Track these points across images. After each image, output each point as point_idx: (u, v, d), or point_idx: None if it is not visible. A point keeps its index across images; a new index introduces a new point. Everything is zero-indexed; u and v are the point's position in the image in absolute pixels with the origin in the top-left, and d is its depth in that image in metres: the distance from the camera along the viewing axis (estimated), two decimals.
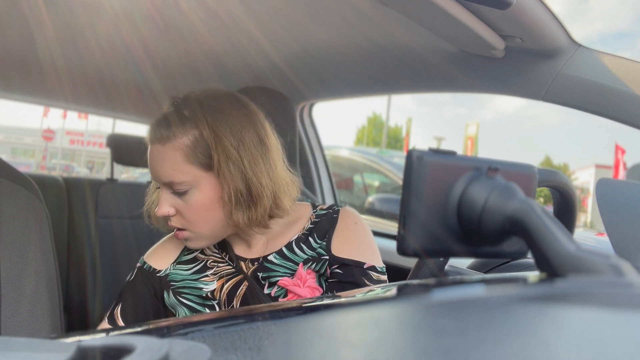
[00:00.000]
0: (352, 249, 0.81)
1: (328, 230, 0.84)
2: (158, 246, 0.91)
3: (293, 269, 0.81)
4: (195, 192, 0.76)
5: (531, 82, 0.98)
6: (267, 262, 0.82)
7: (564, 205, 0.80)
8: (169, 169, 0.75)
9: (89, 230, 1.73)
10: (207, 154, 0.75)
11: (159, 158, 0.76)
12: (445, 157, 0.35)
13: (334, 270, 0.80)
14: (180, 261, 0.87)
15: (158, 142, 0.76)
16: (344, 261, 0.80)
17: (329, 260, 0.81)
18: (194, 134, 0.75)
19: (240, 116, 0.77)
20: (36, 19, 1.17)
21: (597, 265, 0.29)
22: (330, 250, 0.82)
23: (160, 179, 0.77)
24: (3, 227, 0.83)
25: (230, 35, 1.20)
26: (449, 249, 0.35)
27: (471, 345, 0.20)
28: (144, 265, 0.87)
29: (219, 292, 0.82)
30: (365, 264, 0.80)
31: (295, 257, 0.82)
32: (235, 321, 0.30)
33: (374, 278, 0.80)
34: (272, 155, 0.79)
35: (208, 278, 0.83)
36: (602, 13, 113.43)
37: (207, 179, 0.75)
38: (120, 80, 1.74)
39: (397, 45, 1.11)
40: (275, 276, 0.81)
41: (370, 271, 0.80)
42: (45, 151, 25.09)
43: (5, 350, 0.21)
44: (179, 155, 0.74)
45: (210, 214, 0.77)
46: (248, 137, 0.76)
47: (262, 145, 0.78)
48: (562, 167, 29.72)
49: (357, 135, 27.81)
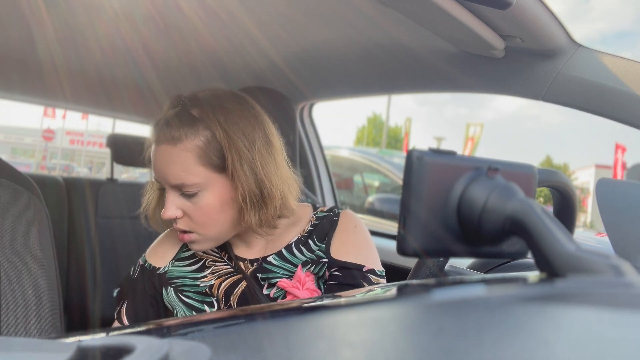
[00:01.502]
0: (351, 252, 0.81)
1: (328, 232, 0.84)
2: (157, 243, 0.91)
3: (292, 270, 0.81)
4: (206, 193, 0.74)
5: (531, 82, 0.98)
6: (267, 264, 0.82)
7: (564, 205, 0.80)
8: (179, 171, 0.73)
9: (89, 230, 1.73)
10: (220, 155, 0.74)
11: (169, 160, 0.73)
12: (445, 157, 0.35)
13: (333, 273, 0.80)
14: (179, 258, 0.87)
15: (167, 142, 0.73)
16: (343, 264, 0.80)
17: (328, 263, 0.81)
18: (206, 135, 0.73)
19: (249, 117, 0.77)
20: (36, 19, 1.17)
21: (597, 265, 0.29)
22: (330, 253, 0.81)
23: (170, 181, 0.74)
24: (3, 227, 0.83)
25: (230, 35, 1.20)
26: (449, 249, 0.35)
27: (471, 345, 0.20)
28: (145, 263, 0.88)
29: (216, 289, 0.81)
30: (364, 267, 0.80)
31: (294, 259, 0.82)
32: (235, 321, 0.30)
33: (373, 281, 0.79)
34: (279, 155, 0.80)
35: (206, 278, 0.83)
36: (603, 13, 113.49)
37: (218, 180, 0.74)
38: (120, 80, 1.74)
39: (397, 45, 1.11)
40: (274, 277, 0.81)
41: (370, 274, 0.80)
42: (45, 151, 25.09)
43: (5, 350, 0.21)
44: (190, 156, 0.73)
45: (220, 215, 0.76)
46: (258, 137, 0.76)
47: (270, 146, 0.78)
48: (562, 167, 29.73)
49: (357, 135, 27.83)
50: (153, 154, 0.77)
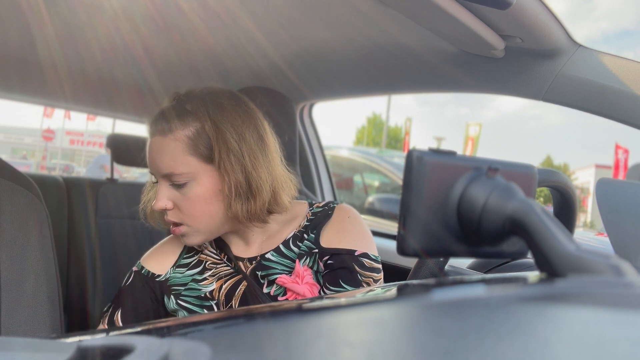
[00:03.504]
0: (343, 239, 0.81)
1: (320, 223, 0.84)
2: (156, 250, 0.90)
3: (290, 266, 0.81)
4: (194, 184, 0.76)
5: (531, 82, 0.98)
6: (265, 260, 0.82)
7: (564, 205, 0.80)
8: (169, 160, 0.75)
9: (89, 230, 1.73)
10: (208, 146, 0.76)
11: (160, 149, 0.76)
12: (445, 157, 0.35)
13: (326, 262, 0.80)
14: (179, 264, 0.87)
15: (159, 134, 0.77)
16: (334, 251, 0.80)
17: (319, 253, 0.81)
18: (196, 126, 0.76)
19: (241, 112, 0.79)
20: (36, 19, 1.17)
21: (597, 265, 0.29)
22: (319, 242, 0.82)
23: (160, 170, 0.77)
24: (3, 227, 0.83)
25: (230, 35, 1.20)
26: (449, 249, 0.35)
27: (471, 345, 0.20)
28: (141, 270, 0.86)
29: (217, 292, 0.81)
30: (356, 251, 0.80)
31: (292, 254, 0.83)
32: (235, 321, 0.30)
33: (367, 265, 0.79)
34: (271, 152, 0.81)
35: (207, 281, 0.83)
36: (606, 12, 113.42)
37: (207, 171, 0.76)
38: (120, 80, 1.74)
39: (397, 45, 1.11)
40: (274, 274, 0.81)
41: (363, 258, 0.79)
42: (45, 151, 25.09)
43: (5, 350, 0.21)
44: (179, 146, 0.75)
45: (208, 207, 0.77)
46: (248, 132, 0.78)
47: (262, 142, 0.79)
48: (562, 167, 29.72)
49: (357, 135, 27.82)
50: (147, 146, 0.80)
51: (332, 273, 0.79)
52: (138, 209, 0.88)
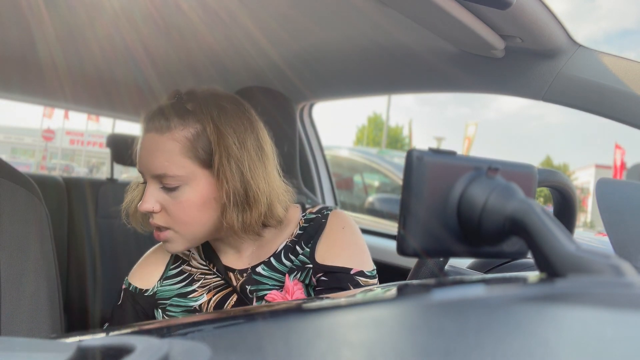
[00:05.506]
0: (338, 255, 0.78)
1: (314, 236, 0.81)
2: (141, 264, 0.87)
3: (281, 280, 0.79)
4: (187, 188, 0.72)
5: (531, 82, 0.98)
6: (256, 274, 0.80)
7: (564, 205, 0.80)
8: (163, 160, 0.71)
9: (89, 230, 1.73)
10: (207, 150, 0.72)
11: (154, 148, 0.72)
12: (445, 157, 0.35)
13: (319, 278, 0.77)
14: (167, 276, 0.84)
15: (155, 131, 0.72)
16: (329, 269, 0.77)
17: (313, 269, 0.78)
18: (197, 127, 0.72)
19: (243, 119, 0.76)
20: (36, 19, 1.17)
21: (597, 265, 0.29)
22: (314, 258, 0.79)
23: (152, 170, 0.72)
24: (3, 227, 0.83)
25: (230, 35, 1.20)
26: (449, 249, 0.35)
27: (471, 345, 0.20)
28: (129, 287, 0.84)
29: (206, 304, 0.79)
30: (352, 270, 0.77)
31: (283, 268, 0.80)
32: (235, 321, 0.30)
33: (362, 284, 0.76)
34: (270, 163, 0.78)
35: (197, 293, 0.80)
36: (607, 12, 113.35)
37: (202, 176, 0.73)
38: (120, 80, 1.74)
39: (397, 45, 1.11)
40: (264, 289, 0.79)
41: (358, 276, 0.76)
42: (45, 151, 25.09)
43: (5, 350, 0.20)
44: (177, 146, 0.71)
45: (200, 214, 0.73)
46: (249, 140, 0.75)
47: (261, 151, 0.77)
48: (562, 167, 29.72)
49: (357, 135, 27.81)
50: (140, 143, 0.75)
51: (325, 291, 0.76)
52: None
